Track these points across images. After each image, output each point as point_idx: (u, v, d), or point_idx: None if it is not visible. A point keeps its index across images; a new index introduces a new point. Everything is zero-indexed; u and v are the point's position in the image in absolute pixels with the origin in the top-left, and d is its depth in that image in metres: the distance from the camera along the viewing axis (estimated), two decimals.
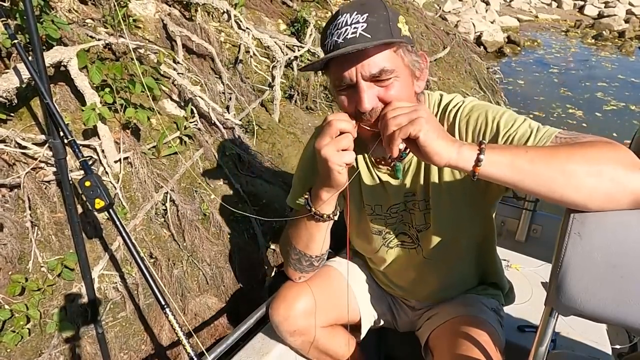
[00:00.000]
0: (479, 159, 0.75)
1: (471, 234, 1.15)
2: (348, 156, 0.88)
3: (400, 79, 0.92)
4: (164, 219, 1.84)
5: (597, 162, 0.72)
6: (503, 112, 0.95)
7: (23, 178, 1.52)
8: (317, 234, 1.09)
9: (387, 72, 0.89)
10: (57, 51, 1.64)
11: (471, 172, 0.77)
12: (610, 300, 0.71)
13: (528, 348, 0.88)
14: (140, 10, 2.32)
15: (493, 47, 8.88)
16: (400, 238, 1.20)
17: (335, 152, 0.87)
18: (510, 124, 0.91)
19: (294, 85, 2.91)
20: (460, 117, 1.01)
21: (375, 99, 0.91)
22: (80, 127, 1.74)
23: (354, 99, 0.92)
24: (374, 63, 0.88)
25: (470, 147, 0.77)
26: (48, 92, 1.31)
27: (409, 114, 0.78)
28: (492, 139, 0.93)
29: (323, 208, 1.03)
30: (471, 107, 1.01)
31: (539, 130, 0.88)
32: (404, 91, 0.93)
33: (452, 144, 0.77)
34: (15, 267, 1.48)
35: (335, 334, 1.32)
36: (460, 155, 0.76)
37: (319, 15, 3.48)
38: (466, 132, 0.99)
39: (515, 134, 0.89)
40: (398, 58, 0.92)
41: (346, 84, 0.92)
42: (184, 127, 1.99)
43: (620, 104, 6.42)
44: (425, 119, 0.76)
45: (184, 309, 1.81)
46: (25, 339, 1.44)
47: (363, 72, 0.89)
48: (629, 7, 12.47)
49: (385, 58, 0.89)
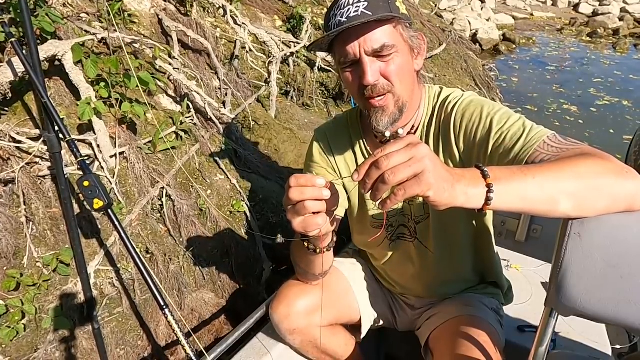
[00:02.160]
0: (488, 197, 0.69)
1: (468, 223, 1.16)
2: (314, 224, 0.78)
3: (401, 55, 0.97)
4: (160, 214, 1.84)
5: (596, 176, 0.71)
6: (498, 109, 0.97)
7: (18, 173, 1.51)
8: (315, 260, 1.08)
9: (388, 48, 0.94)
10: (52, 45, 1.63)
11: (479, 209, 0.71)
12: (610, 300, 0.72)
13: (528, 348, 0.89)
14: (136, 5, 2.30)
15: (489, 45, 8.91)
16: (400, 230, 1.21)
17: (308, 224, 0.78)
18: (504, 121, 0.93)
19: (290, 81, 2.91)
20: (457, 110, 1.03)
21: (378, 73, 0.96)
22: (75, 121, 1.73)
23: (357, 74, 0.97)
24: (375, 38, 0.94)
25: (476, 185, 0.69)
26: (43, 86, 1.30)
27: (411, 164, 0.63)
28: (485, 134, 0.95)
29: (315, 244, 0.99)
30: (469, 102, 1.03)
31: (532, 129, 0.88)
32: (404, 67, 0.98)
33: (458, 187, 0.67)
34: (10, 262, 1.47)
35: (336, 333, 1.32)
36: (468, 198, 0.68)
37: (315, 11, 3.47)
38: (460, 126, 1.01)
39: (508, 132, 0.90)
40: (397, 34, 0.97)
41: (350, 60, 0.97)
42: (180, 122, 1.98)
43: (614, 99, 6.51)
44: (430, 169, 0.63)
45: (180, 304, 1.80)
46: (20, 334, 1.43)
47: (366, 47, 0.94)
48: (623, 5, 12.54)
49: (386, 34, 0.95)
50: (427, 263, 1.22)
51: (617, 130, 5.48)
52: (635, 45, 10.00)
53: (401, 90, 0.99)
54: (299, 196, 0.75)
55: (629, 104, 6.37)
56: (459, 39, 4.74)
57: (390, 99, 0.99)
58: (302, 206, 0.75)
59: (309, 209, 0.75)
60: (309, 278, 1.20)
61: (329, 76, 3.10)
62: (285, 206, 0.79)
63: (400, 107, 1.01)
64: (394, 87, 0.98)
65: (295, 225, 0.78)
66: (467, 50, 4.81)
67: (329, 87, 3.14)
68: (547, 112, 6.01)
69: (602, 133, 5.40)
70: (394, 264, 1.28)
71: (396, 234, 1.22)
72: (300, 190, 0.75)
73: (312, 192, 0.75)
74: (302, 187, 0.75)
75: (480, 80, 4.61)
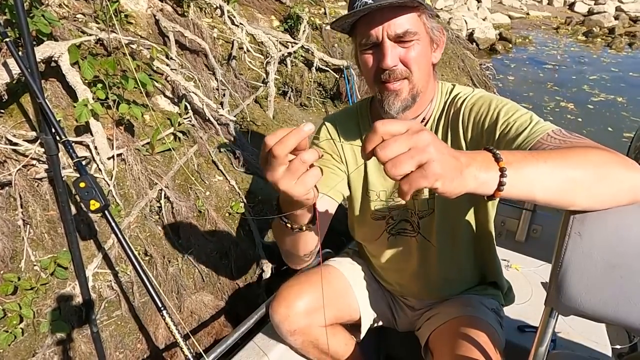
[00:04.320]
0: (501, 182, 0.63)
1: (471, 219, 1.15)
2: (312, 178, 0.64)
3: (421, 43, 0.98)
4: (159, 216, 1.82)
5: (604, 165, 0.70)
6: (506, 103, 0.98)
7: (14, 175, 1.50)
8: (299, 238, 0.97)
9: (411, 34, 0.95)
10: (48, 46, 1.61)
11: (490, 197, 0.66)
12: (610, 300, 0.71)
13: (528, 348, 0.88)
14: (132, 6, 2.29)
15: (485, 44, 8.93)
16: (401, 225, 1.19)
17: (296, 184, 0.64)
18: (511, 113, 0.93)
19: (287, 81, 2.90)
20: (466, 105, 1.04)
21: (397, 58, 0.96)
22: (72, 123, 1.71)
23: (377, 57, 0.98)
24: (399, 23, 0.94)
25: (488, 168, 0.63)
26: (39, 88, 1.29)
27: (414, 155, 0.56)
28: (492, 124, 0.95)
29: (297, 220, 0.86)
30: (478, 97, 1.05)
31: (538, 122, 0.88)
32: (423, 56, 0.99)
33: (467, 171, 0.62)
34: (8, 266, 1.45)
35: (336, 333, 1.31)
36: (479, 184, 0.63)
37: (312, 12, 3.46)
38: (469, 119, 1.02)
39: (515, 123, 0.90)
40: (421, 23, 0.98)
41: (371, 43, 0.97)
42: (178, 124, 1.97)
43: (610, 96, 6.61)
44: (436, 157, 0.57)
45: (179, 306, 1.79)
46: (18, 338, 1.42)
47: (389, 30, 0.94)
48: (618, 4, 12.60)
49: (410, 20, 0.95)
50: (428, 259, 1.21)
51: (615, 127, 5.55)
52: (630, 44, 10.05)
53: (418, 78, 1.00)
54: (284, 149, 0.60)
55: (623, 100, 6.47)
56: (455, 39, 4.75)
57: (406, 85, 1.00)
58: (299, 162, 0.61)
59: (307, 162, 0.62)
60: (296, 261, 1.11)
61: (327, 76, 3.10)
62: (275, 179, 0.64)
63: (414, 94, 1.01)
64: (411, 74, 0.99)
65: (295, 191, 0.64)
66: (464, 49, 4.82)
67: (326, 87, 3.13)
68: (545, 110, 6.06)
69: (601, 131, 5.45)
70: (393, 260, 1.27)
71: (396, 229, 1.21)
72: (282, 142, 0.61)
73: (293, 138, 0.61)
74: (282, 140, 0.61)
75: (478, 80, 4.62)
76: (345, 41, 3.25)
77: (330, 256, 1.56)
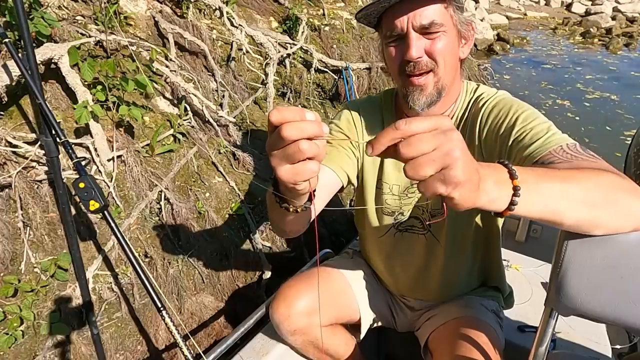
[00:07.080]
0: (512, 201, 0.61)
1: (480, 225, 1.16)
2: (309, 171, 0.58)
3: (448, 36, 0.96)
4: (159, 217, 1.82)
5: (616, 191, 0.69)
6: (526, 109, 0.96)
7: (14, 177, 1.50)
8: (287, 218, 0.88)
9: (437, 26, 0.94)
10: (48, 48, 1.61)
11: (498, 213, 0.63)
12: (610, 300, 0.71)
13: (528, 348, 0.88)
14: (131, 8, 2.29)
15: (483, 45, 8.96)
16: (411, 222, 1.19)
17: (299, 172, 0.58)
18: (529, 120, 0.91)
19: (287, 82, 2.90)
20: (487, 106, 1.03)
21: (422, 49, 0.95)
22: (72, 125, 1.71)
23: (401, 49, 0.96)
24: (425, 14, 0.93)
25: (502, 186, 0.61)
26: (39, 89, 1.29)
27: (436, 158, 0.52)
28: (508, 129, 0.94)
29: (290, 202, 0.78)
30: (500, 99, 1.03)
31: (555, 134, 0.86)
32: (449, 49, 0.97)
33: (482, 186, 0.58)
34: (8, 268, 1.45)
35: (336, 333, 1.31)
36: (490, 200, 0.60)
37: (311, 13, 3.46)
38: (487, 121, 1.01)
39: (531, 130, 0.89)
40: (447, 15, 0.96)
41: (396, 34, 0.96)
42: (178, 125, 1.97)
43: (605, 94, 6.72)
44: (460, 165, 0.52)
45: (180, 308, 1.79)
46: (18, 341, 1.42)
47: (414, 21, 0.93)
48: (615, 4, 12.65)
49: (436, 11, 0.94)
50: (435, 258, 1.20)
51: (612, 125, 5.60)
52: (627, 45, 10.08)
53: (443, 71, 0.98)
54: (297, 133, 0.55)
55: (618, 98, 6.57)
56: None
57: (431, 79, 0.98)
58: (298, 149, 0.55)
59: (305, 153, 0.56)
60: (280, 234, 1.12)
61: (325, 77, 3.10)
62: (270, 149, 0.59)
63: (439, 89, 0.99)
64: (437, 67, 0.97)
65: (283, 174, 0.59)
66: None
67: (325, 88, 3.13)
68: (544, 109, 6.10)
69: (599, 130, 5.48)
70: (397, 258, 1.27)
71: (404, 226, 1.20)
72: (297, 126, 0.55)
73: (312, 128, 0.55)
74: (298, 123, 0.55)
75: (476, 80, 4.63)
76: (344, 42, 3.26)
77: (330, 256, 1.57)
